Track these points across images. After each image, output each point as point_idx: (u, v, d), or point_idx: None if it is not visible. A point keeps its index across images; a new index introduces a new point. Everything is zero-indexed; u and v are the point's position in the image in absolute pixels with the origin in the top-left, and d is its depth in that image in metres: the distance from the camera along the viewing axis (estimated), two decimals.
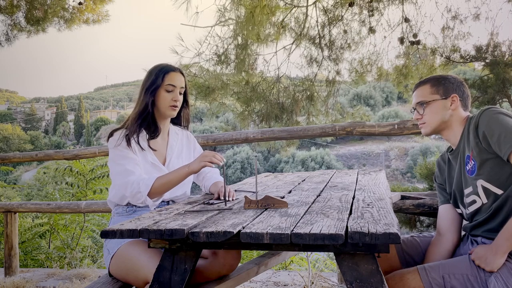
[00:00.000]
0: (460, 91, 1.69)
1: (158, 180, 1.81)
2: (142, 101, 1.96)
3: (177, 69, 2.02)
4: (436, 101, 1.68)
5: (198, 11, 4.84)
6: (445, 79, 1.71)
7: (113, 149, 1.92)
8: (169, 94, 1.96)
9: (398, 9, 5.27)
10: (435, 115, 1.68)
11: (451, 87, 1.68)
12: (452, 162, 1.74)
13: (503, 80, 4.70)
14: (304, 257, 4.41)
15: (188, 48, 5.05)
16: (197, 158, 1.82)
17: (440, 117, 1.68)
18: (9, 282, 3.65)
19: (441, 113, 1.67)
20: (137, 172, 1.85)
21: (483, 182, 1.57)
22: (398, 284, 1.46)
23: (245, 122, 5.63)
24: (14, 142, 52.21)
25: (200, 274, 1.67)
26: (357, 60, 5.70)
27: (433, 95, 1.69)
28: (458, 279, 1.44)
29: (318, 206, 1.59)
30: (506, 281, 1.40)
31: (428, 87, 1.71)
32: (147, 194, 1.80)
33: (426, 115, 1.70)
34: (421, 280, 1.45)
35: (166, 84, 1.95)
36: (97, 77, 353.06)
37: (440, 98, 1.68)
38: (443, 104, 1.67)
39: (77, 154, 4.00)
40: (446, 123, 1.68)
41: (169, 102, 1.96)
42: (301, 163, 34.06)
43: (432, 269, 1.48)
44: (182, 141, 2.15)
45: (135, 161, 1.89)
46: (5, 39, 5.58)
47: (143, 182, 1.80)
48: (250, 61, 5.35)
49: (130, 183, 1.82)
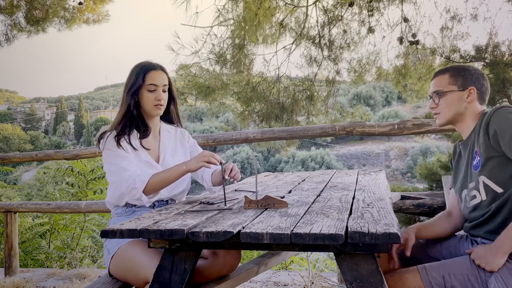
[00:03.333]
0: (479, 84, 1.66)
1: (154, 176, 1.78)
2: (125, 102, 1.94)
3: (158, 66, 1.97)
4: (452, 92, 1.66)
5: (198, 11, 4.84)
6: (466, 70, 1.68)
7: (104, 150, 1.91)
8: (152, 94, 1.93)
9: (398, 9, 5.28)
10: (450, 106, 1.66)
11: (470, 79, 1.65)
12: (462, 154, 1.75)
13: (503, 80, 4.71)
14: (304, 257, 4.41)
15: (186, 47, 5.04)
16: (196, 157, 1.79)
17: (455, 109, 1.66)
18: (9, 282, 3.65)
19: (456, 105, 1.65)
20: (131, 169, 1.84)
21: (484, 178, 1.57)
22: (397, 283, 1.46)
23: (245, 122, 5.63)
24: (14, 142, 52.19)
25: (200, 274, 1.67)
26: (356, 60, 5.70)
27: (451, 86, 1.66)
28: (458, 279, 1.44)
29: (318, 206, 1.59)
30: (507, 282, 1.40)
31: (447, 77, 1.68)
32: (143, 190, 1.77)
33: (441, 105, 1.68)
34: (422, 280, 1.45)
35: (148, 84, 1.92)
36: (97, 77, 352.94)
37: (457, 89, 1.65)
38: (459, 96, 1.65)
39: (77, 154, 4.00)
40: (461, 115, 1.66)
41: (153, 102, 1.93)
42: (301, 163, 34.06)
43: (433, 269, 1.48)
44: (176, 138, 2.12)
45: (128, 159, 1.87)
46: (5, 39, 5.57)
47: (139, 178, 1.78)
48: (246, 61, 5.34)
49: (125, 179, 1.80)
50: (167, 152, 2.03)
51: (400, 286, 1.44)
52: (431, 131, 3.07)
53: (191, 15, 4.81)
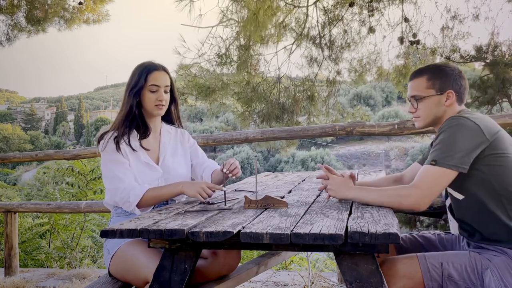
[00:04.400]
0: (457, 85, 1.67)
1: (149, 192, 1.79)
2: (127, 103, 1.93)
3: (160, 67, 1.97)
4: (431, 96, 1.66)
5: (201, 13, 4.83)
6: (442, 71, 1.68)
7: (103, 152, 1.90)
8: (154, 94, 1.92)
9: (398, 9, 5.28)
10: (429, 110, 1.67)
11: (448, 81, 1.66)
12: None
13: (503, 80, 4.71)
14: (304, 257, 4.41)
15: (190, 48, 5.04)
16: (195, 185, 1.77)
17: (434, 113, 1.67)
18: (9, 282, 3.65)
19: (435, 109, 1.67)
20: (127, 179, 1.83)
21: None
22: (394, 269, 1.45)
23: (246, 122, 5.63)
24: (14, 142, 52.20)
25: (200, 274, 1.67)
26: (357, 59, 5.71)
27: (429, 90, 1.67)
28: (456, 268, 1.45)
29: (318, 206, 1.59)
30: (502, 275, 1.42)
31: (424, 80, 1.68)
32: (136, 204, 1.79)
33: (420, 110, 1.69)
34: (420, 265, 1.46)
35: (150, 84, 1.92)
36: (97, 77, 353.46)
37: (436, 93, 1.66)
38: (438, 99, 1.66)
39: (77, 154, 3.99)
40: (440, 118, 1.67)
41: (154, 102, 1.93)
42: (301, 163, 34.05)
43: (432, 257, 1.49)
44: (176, 139, 2.12)
45: (124, 166, 1.86)
46: (5, 39, 5.58)
47: (133, 192, 1.78)
48: (253, 62, 5.34)
49: (120, 190, 1.80)
50: (167, 153, 2.03)
51: (397, 271, 1.44)
52: (431, 131, 3.06)
53: (195, 17, 4.80)
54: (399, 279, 1.44)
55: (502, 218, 1.49)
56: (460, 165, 1.47)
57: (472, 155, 1.48)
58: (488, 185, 1.51)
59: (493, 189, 1.50)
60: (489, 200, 1.51)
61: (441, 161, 1.48)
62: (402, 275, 1.44)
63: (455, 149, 1.47)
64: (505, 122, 2.80)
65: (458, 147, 1.48)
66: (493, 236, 1.52)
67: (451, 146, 1.49)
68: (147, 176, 1.92)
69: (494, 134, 1.51)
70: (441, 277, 1.44)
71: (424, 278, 1.44)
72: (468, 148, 1.47)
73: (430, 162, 1.51)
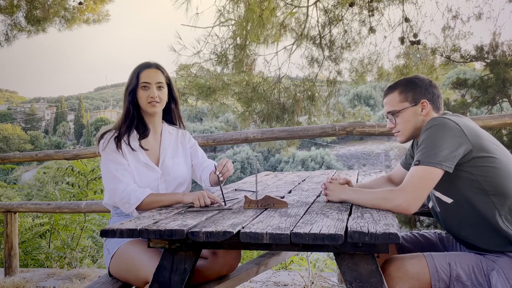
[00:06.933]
0: (429, 94, 1.67)
1: (150, 197, 1.79)
2: (124, 103, 1.97)
3: (152, 65, 1.99)
4: (406, 109, 1.67)
5: (198, 12, 4.84)
6: (412, 83, 1.69)
7: (102, 152, 1.91)
8: (145, 92, 1.94)
9: (399, 9, 5.28)
10: (408, 122, 1.68)
11: (419, 91, 1.67)
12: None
13: (503, 80, 4.71)
14: (304, 257, 4.41)
15: (187, 47, 5.04)
16: (195, 195, 1.76)
17: (413, 124, 1.68)
18: (9, 282, 3.65)
19: (413, 120, 1.67)
20: (125, 180, 1.83)
21: (433, 190, 1.61)
22: (402, 269, 1.43)
23: (246, 122, 5.63)
24: (14, 142, 52.18)
25: (200, 274, 1.67)
26: (357, 60, 5.71)
27: (403, 103, 1.68)
28: (463, 268, 1.45)
29: (318, 206, 1.59)
30: (508, 276, 1.42)
31: (396, 95, 1.70)
32: (136, 207, 1.78)
33: (399, 124, 1.70)
34: (428, 265, 1.44)
35: (141, 82, 1.94)
36: (97, 77, 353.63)
37: (410, 105, 1.67)
38: (414, 111, 1.67)
39: (77, 154, 3.99)
40: (420, 129, 1.67)
41: (147, 99, 1.94)
42: (301, 163, 34.04)
43: (439, 257, 1.48)
44: (177, 140, 2.12)
45: (123, 167, 1.87)
46: (5, 39, 5.58)
47: (134, 194, 1.78)
48: (249, 61, 5.34)
49: (119, 191, 1.80)
50: (167, 154, 2.03)
51: (404, 271, 1.43)
52: None
53: (192, 16, 4.81)
54: (408, 281, 1.42)
55: (498, 223, 1.47)
56: (443, 162, 1.45)
57: (455, 154, 1.46)
58: (477, 186, 1.49)
59: (483, 190, 1.49)
60: (480, 202, 1.49)
61: (424, 160, 1.47)
62: (411, 276, 1.43)
63: (438, 148, 1.47)
64: (505, 122, 2.81)
65: (441, 145, 1.47)
66: (489, 246, 1.51)
67: (433, 145, 1.48)
68: (146, 177, 1.91)
69: (475, 135, 1.51)
70: (449, 278, 1.44)
71: (432, 278, 1.43)
72: (450, 146, 1.46)
73: (414, 163, 1.50)
